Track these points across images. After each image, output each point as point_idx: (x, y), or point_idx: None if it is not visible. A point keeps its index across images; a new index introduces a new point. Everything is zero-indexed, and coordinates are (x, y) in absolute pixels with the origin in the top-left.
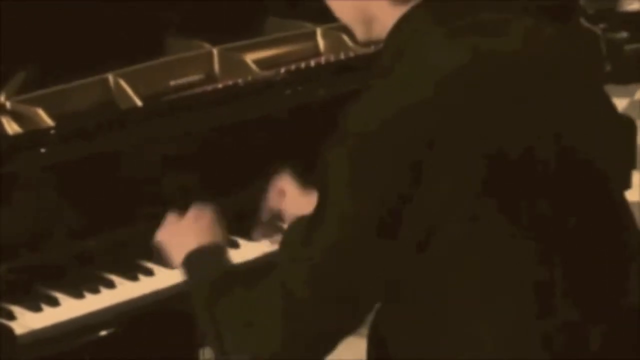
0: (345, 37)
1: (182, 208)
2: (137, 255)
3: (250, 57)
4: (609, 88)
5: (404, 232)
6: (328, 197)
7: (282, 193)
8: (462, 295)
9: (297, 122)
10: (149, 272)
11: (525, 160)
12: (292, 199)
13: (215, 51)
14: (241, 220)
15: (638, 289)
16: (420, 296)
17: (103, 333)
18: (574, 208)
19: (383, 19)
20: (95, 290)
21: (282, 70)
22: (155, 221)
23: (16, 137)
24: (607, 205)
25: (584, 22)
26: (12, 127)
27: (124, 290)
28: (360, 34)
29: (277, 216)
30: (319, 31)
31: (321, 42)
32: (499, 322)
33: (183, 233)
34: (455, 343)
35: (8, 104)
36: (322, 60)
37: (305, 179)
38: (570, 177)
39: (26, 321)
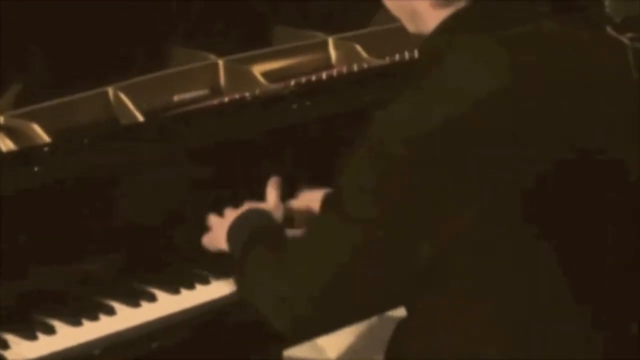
0: (359, 48)
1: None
2: (139, 279)
3: (257, 69)
4: None
5: (418, 243)
6: (343, 199)
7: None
8: (470, 296)
9: (307, 138)
10: (152, 298)
11: (540, 166)
12: None
13: (220, 63)
14: None
15: None
16: (434, 303)
17: None
18: (583, 213)
19: (426, 19)
20: (94, 317)
21: (292, 82)
22: (157, 243)
23: (10, 154)
24: (619, 211)
25: (611, 31)
26: (5, 144)
27: (125, 317)
28: (409, 28)
29: None
30: (330, 41)
31: (333, 53)
32: (504, 324)
33: (222, 227)
34: (461, 345)
35: (2, 119)
36: (334, 72)
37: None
38: (579, 182)
39: (21, 350)
